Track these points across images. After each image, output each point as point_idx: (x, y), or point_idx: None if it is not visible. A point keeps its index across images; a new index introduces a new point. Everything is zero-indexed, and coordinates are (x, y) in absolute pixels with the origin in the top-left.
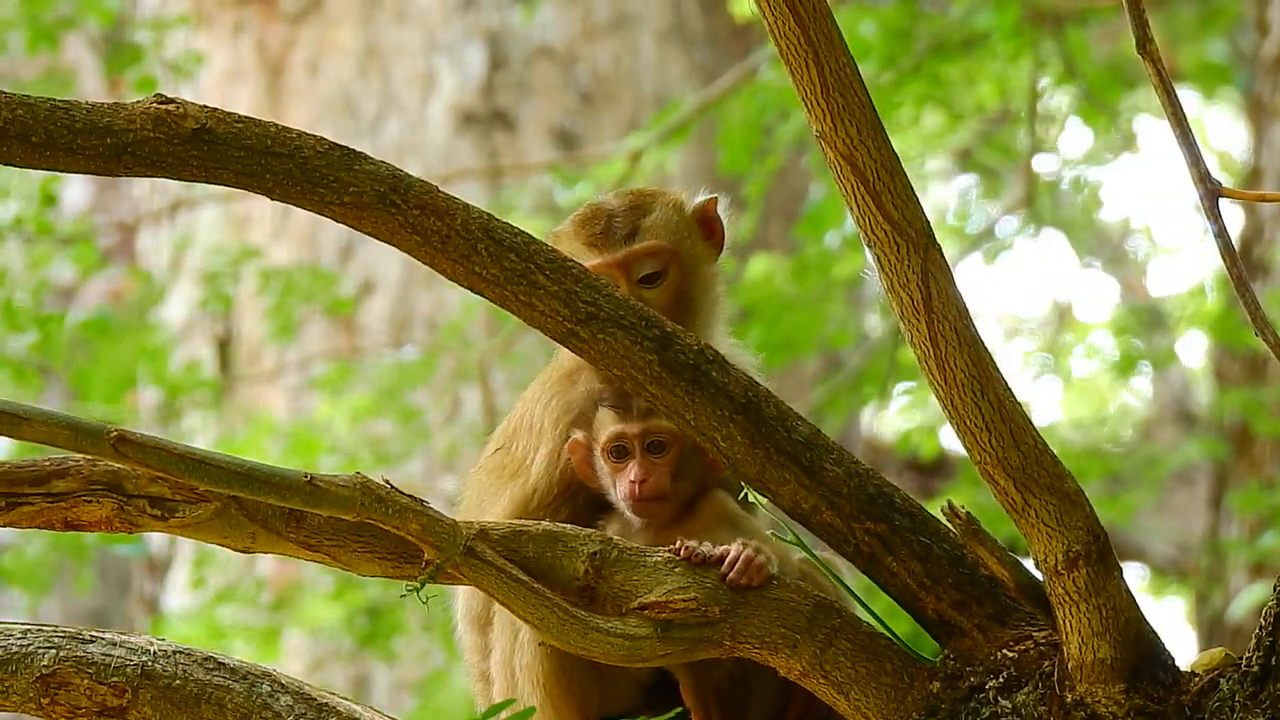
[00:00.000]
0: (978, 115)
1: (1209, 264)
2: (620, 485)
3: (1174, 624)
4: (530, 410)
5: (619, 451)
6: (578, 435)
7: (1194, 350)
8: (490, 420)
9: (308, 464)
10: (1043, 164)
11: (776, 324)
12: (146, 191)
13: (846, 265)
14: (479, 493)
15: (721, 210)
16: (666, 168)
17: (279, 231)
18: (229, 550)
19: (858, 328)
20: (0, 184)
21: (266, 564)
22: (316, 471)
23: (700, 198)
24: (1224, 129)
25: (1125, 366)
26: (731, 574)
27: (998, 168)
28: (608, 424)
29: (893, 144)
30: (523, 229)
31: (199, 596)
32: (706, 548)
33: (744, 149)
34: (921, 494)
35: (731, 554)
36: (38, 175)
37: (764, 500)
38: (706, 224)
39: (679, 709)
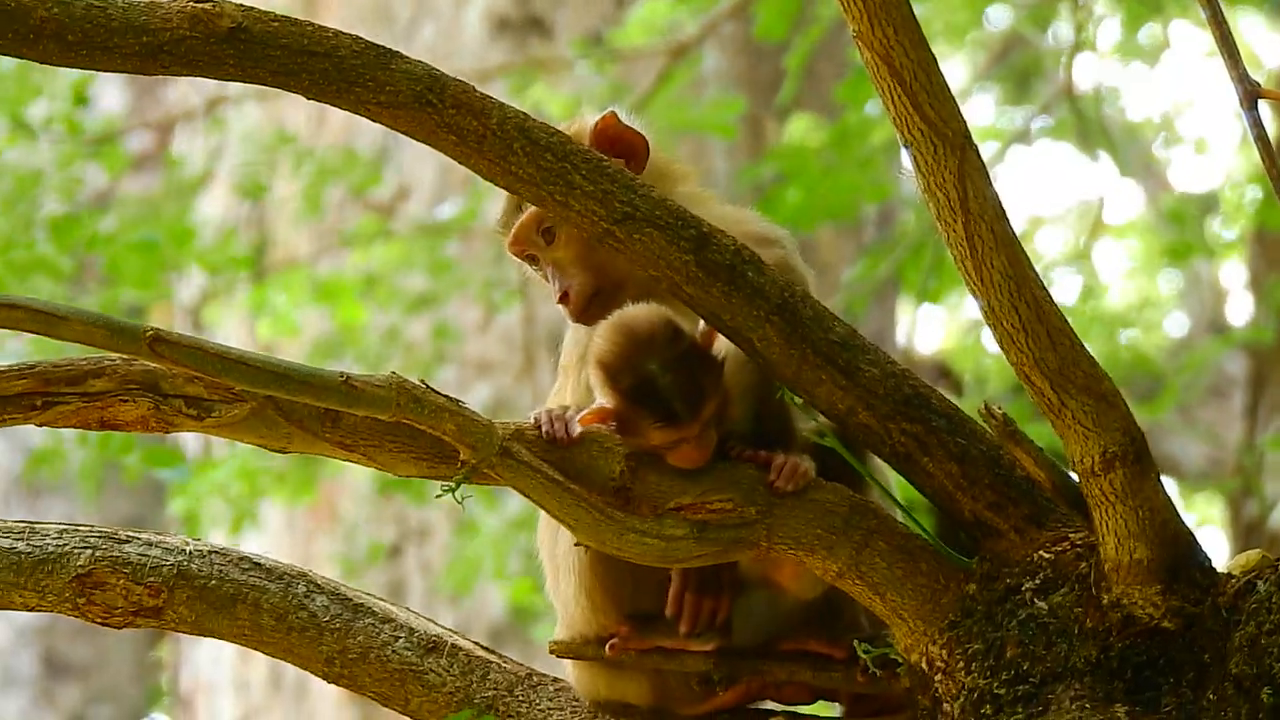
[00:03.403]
0: None
1: (1242, 168)
2: (678, 457)
3: (1207, 533)
4: (564, 346)
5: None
6: (602, 404)
7: (1230, 267)
8: (528, 329)
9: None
10: (1083, 63)
11: (815, 188)
12: (183, 95)
13: (885, 130)
14: None
15: (626, 120)
16: (706, 66)
17: (314, 137)
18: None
19: (895, 189)
20: (33, 83)
21: None
22: (349, 355)
23: (592, 119)
24: (1264, 41)
25: (1178, 254)
26: (779, 481)
27: (1038, 49)
28: (657, 429)
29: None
30: (558, 129)
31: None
32: (749, 451)
33: (781, 16)
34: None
35: (778, 460)
36: (71, 75)
37: (800, 401)
38: (611, 143)
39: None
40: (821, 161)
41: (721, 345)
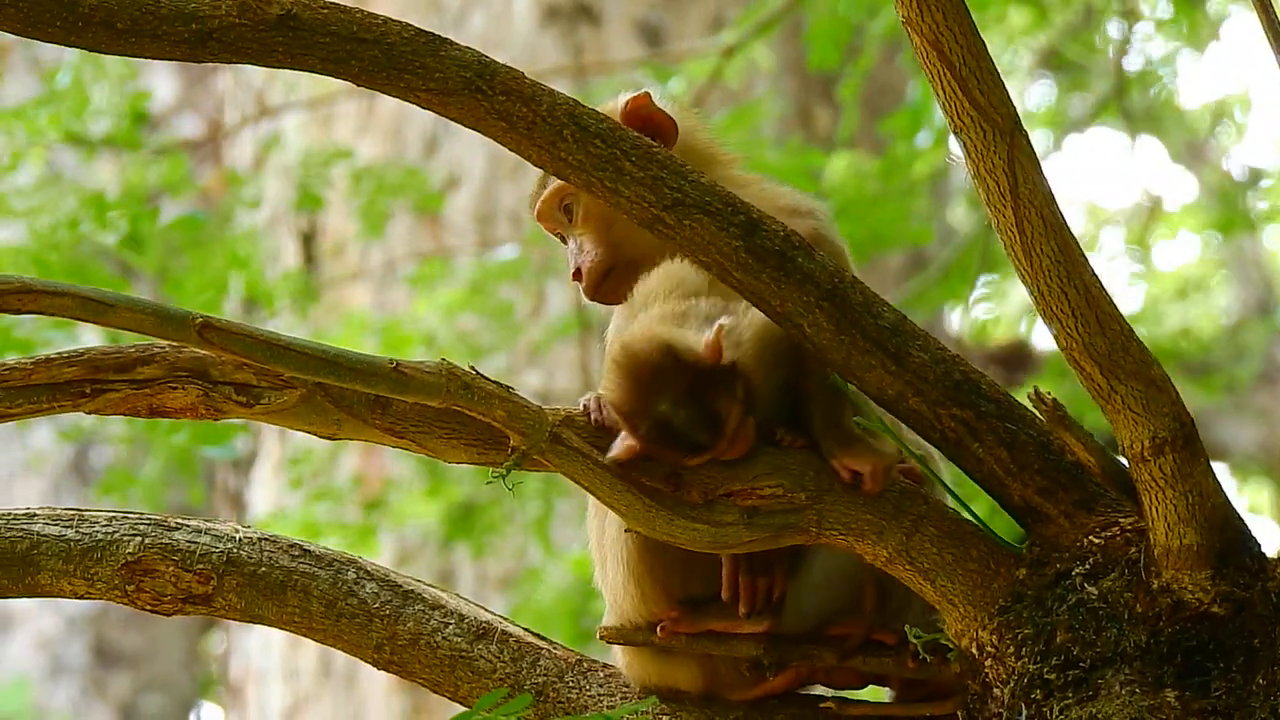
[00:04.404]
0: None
1: None
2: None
3: (1259, 519)
4: (608, 332)
5: None
6: (628, 443)
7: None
8: (580, 314)
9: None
10: (1133, 58)
11: (863, 220)
12: (232, 87)
13: (929, 161)
14: None
15: (660, 101)
16: (760, 63)
17: (364, 126)
18: (318, 441)
19: (941, 223)
20: (93, 99)
21: (357, 461)
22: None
23: (624, 97)
24: None
25: (1227, 225)
26: (869, 484)
27: (1084, 63)
28: (686, 459)
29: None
30: (607, 116)
31: (293, 497)
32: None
33: (832, 44)
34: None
35: (864, 467)
36: (128, 88)
37: (850, 387)
38: (643, 122)
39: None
40: (870, 192)
41: (736, 334)
